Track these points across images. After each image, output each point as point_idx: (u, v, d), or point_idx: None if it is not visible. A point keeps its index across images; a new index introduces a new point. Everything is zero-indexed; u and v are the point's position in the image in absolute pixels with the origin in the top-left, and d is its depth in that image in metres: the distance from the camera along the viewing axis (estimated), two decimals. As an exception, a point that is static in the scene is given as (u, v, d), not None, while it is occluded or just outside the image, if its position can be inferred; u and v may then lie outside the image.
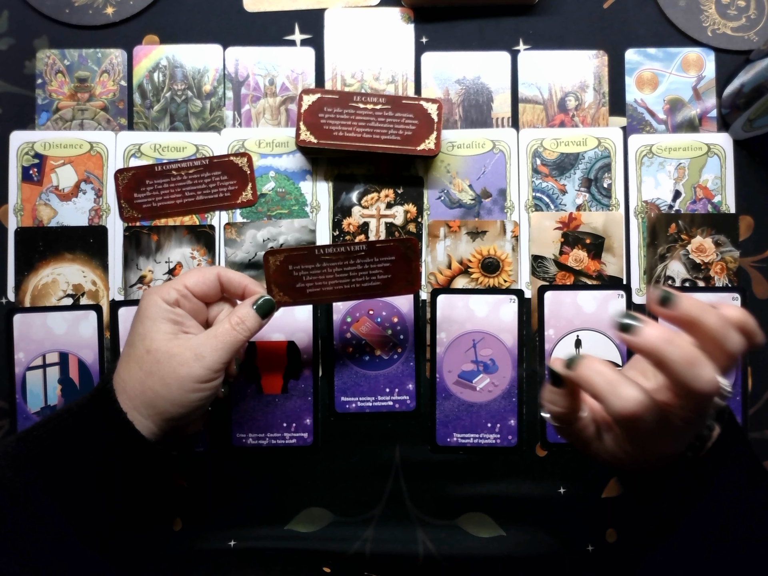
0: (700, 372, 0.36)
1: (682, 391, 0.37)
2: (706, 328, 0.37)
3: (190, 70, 0.61)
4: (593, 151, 0.61)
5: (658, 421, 0.38)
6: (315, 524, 0.59)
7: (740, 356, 0.38)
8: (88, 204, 0.60)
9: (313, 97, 0.58)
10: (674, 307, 0.38)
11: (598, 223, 0.60)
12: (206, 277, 0.50)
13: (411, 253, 0.52)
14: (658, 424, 0.38)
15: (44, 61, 0.61)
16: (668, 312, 0.38)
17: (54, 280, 0.60)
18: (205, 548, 0.58)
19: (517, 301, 0.60)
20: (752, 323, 0.39)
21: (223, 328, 0.48)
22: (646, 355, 0.37)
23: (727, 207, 0.60)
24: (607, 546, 0.59)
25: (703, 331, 0.37)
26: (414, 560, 0.59)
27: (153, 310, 0.47)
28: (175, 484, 0.59)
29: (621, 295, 0.60)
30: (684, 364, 0.36)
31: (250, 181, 0.60)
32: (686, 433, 0.40)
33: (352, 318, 0.60)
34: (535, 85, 0.61)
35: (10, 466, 0.44)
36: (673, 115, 0.61)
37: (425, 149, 0.58)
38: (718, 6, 0.61)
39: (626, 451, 0.41)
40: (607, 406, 0.37)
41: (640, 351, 0.37)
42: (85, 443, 0.46)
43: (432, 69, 0.61)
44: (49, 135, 0.60)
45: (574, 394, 0.41)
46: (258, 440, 0.60)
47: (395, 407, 0.60)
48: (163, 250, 0.60)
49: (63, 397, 0.59)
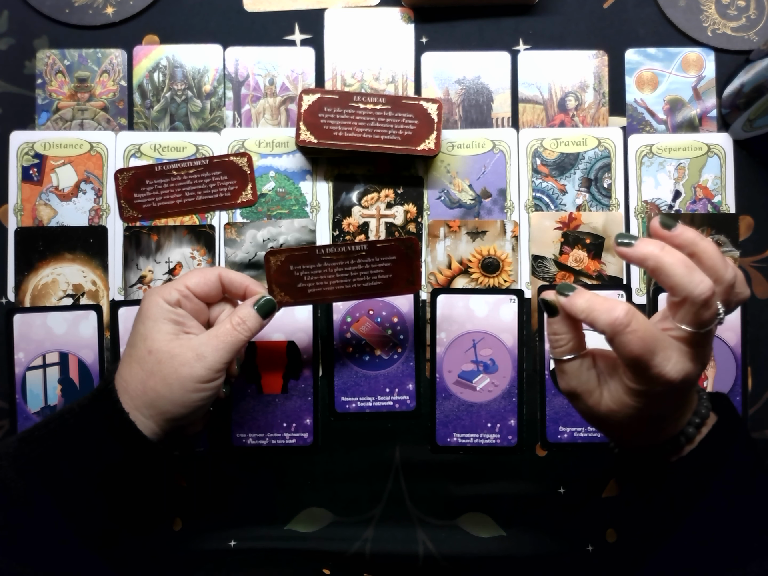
0: (695, 275, 0.39)
1: (681, 301, 0.39)
2: (702, 252, 0.40)
3: (190, 70, 0.61)
4: (593, 151, 0.61)
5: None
6: (315, 524, 0.59)
7: (733, 291, 0.41)
8: (88, 204, 0.60)
9: (313, 97, 0.58)
10: (674, 230, 0.41)
11: (598, 223, 0.60)
12: (207, 278, 0.50)
13: (412, 253, 0.52)
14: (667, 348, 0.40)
15: (44, 61, 0.60)
16: (669, 234, 0.41)
17: (54, 280, 0.60)
18: (205, 548, 0.58)
19: (517, 301, 0.60)
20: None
21: (225, 328, 0.48)
22: (644, 264, 0.40)
23: (727, 207, 0.61)
24: (607, 546, 0.59)
25: (700, 256, 0.40)
26: (414, 560, 0.59)
27: (154, 310, 0.48)
28: (175, 484, 0.59)
29: (621, 295, 0.60)
30: (681, 267, 0.39)
31: (250, 181, 0.60)
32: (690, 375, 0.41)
33: (352, 318, 0.60)
34: (535, 85, 0.61)
35: (11, 466, 0.44)
36: (673, 115, 0.61)
37: (425, 149, 0.58)
38: (718, 6, 0.61)
39: (625, 403, 0.42)
40: (683, 291, 0.39)
41: (639, 261, 0.40)
42: (87, 443, 0.46)
43: (432, 69, 0.61)
44: (49, 135, 0.60)
45: (574, 322, 0.43)
46: (258, 440, 0.60)
47: (395, 407, 0.60)
48: (163, 250, 0.60)
49: (63, 397, 0.59)
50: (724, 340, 0.60)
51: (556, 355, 0.43)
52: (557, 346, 0.43)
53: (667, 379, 0.39)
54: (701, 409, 0.44)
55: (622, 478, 0.59)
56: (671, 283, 0.39)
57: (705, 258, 0.40)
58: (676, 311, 0.40)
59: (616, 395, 0.42)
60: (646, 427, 0.43)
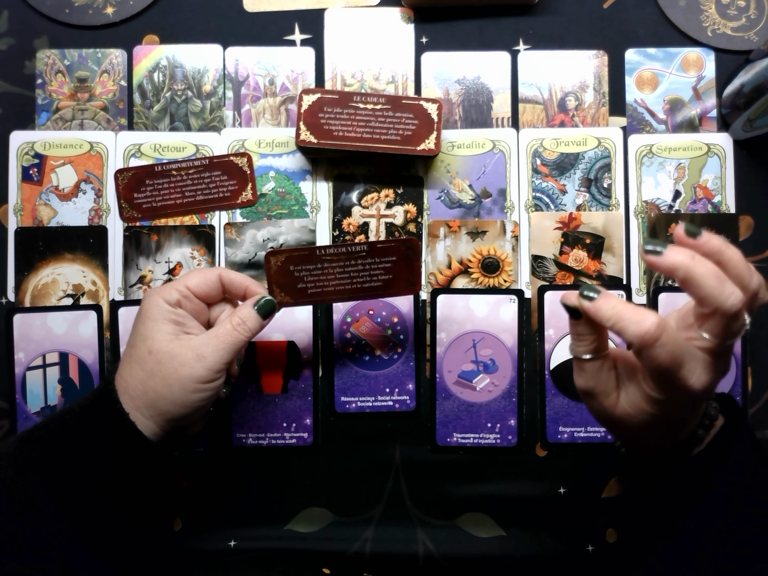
0: (726, 287, 0.37)
1: (710, 312, 0.38)
2: (729, 260, 0.39)
3: (190, 70, 0.61)
4: (593, 151, 0.61)
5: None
6: (315, 524, 0.59)
7: (757, 299, 0.40)
8: (88, 204, 0.60)
9: (313, 97, 0.58)
10: (700, 239, 0.39)
11: (598, 223, 0.60)
12: (208, 278, 0.50)
13: (412, 254, 0.52)
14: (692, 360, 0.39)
15: (44, 61, 0.60)
16: (694, 243, 0.39)
17: (54, 280, 0.60)
18: (205, 548, 0.58)
19: (517, 301, 0.60)
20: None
21: (225, 328, 0.48)
22: (674, 274, 0.38)
23: (727, 207, 0.61)
24: (607, 546, 0.59)
25: (726, 264, 0.39)
26: (414, 560, 0.59)
27: (154, 310, 0.48)
28: (175, 484, 0.59)
29: (621, 295, 0.60)
30: (711, 278, 0.37)
31: (250, 181, 0.60)
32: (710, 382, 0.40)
33: (352, 318, 0.60)
34: (535, 85, 0.61)
35: (11, 466, 0.44)
36: (673, 115, 0.61)
37: (425, 149, 0.58)
38: (718, 6, 0.61)
39: (642, 409, 0.41)
40: (714, 303, 0.38)
41: (668, 270, 0.38)
42: (87, 444, 0.46)
43: (432, 69, 0.61)
44: (49, 135, 0.60)
45: (598, 324, 0.41)
46: (258, 440, 0.60)
47: (395, 407, 0.60)
48: (163, 250, 0.60)
49: (63, 397, 0.59)
50: (724, 340, 0.60)
51: (578, 354, 0.42)
52: (579, 344, 0.42)
53: (691, 391, 0.39)
54: (710, 410, 0.44)
55: (625, 477, 0.59)
56: (702, 295, 0.38)
57: (731, 266, 0.39)
58: (704, 322, 0.39)
59: (634, 400, 0.41)
60: (660, 432, 0.43)
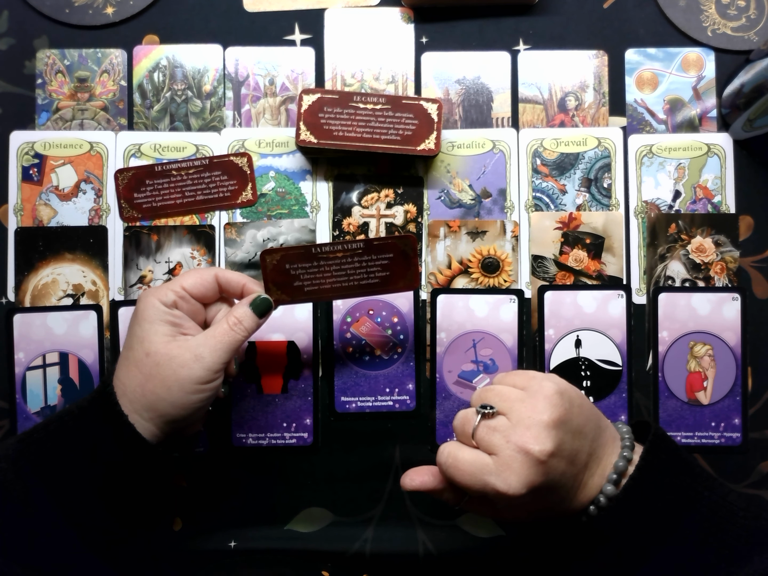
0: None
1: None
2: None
3: (190, 70, 0.61)
4: (593, 151, 0.61)
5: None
6: (315, 524, 0.59)
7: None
8: (88, 204, 0.60)
9: (313, 97, 0.58)
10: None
11: (598, 223, 0.60)
12: (204, 278, 0.50)
13: (409, 251, 0.52)
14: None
15: (44, 61, 0.61)
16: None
17: (54, 280, 0.60)
18: (205, 548, 0.58)
19: (517, 301, 0.60)
20: None
21: (222, 328, 0.48)
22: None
23: (727, 207, 0.60)
24: (606, 546, 0.59)
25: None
26: (414, 560, 0.59)
27: (150, 312, 0.47)
28: (175, 484, 0.59)
29: (621, 295, 0.60)
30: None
31: (250, 181, 0.60)
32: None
33: (352, 318, 0.60)
34: (535, 85, 0.61)
35: (11, 468, 0.44)
36: (673, 115, 0.61)
37: (425, 149, 0.58)
38: (718, 6, 0.61)
39: (506, 510, 0.45)
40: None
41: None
42: (87, 446, 0.46)
43: (432, 69, 0.61)
44: (49, 135, 0.60)
45: (439, 483, 0.47)
46: (258, 440, 0.60)
47: (395, 407, 0.60)
48: (163, 250, 0.60)
49: (63, 397, 0.59)
50: (724, 340, 0.60)
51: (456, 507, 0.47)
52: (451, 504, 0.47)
53: (511, 496, 0.41)
54: (619, 462, 0.44)
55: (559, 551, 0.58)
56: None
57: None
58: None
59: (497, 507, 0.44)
60: (553, 507, 0.45)
